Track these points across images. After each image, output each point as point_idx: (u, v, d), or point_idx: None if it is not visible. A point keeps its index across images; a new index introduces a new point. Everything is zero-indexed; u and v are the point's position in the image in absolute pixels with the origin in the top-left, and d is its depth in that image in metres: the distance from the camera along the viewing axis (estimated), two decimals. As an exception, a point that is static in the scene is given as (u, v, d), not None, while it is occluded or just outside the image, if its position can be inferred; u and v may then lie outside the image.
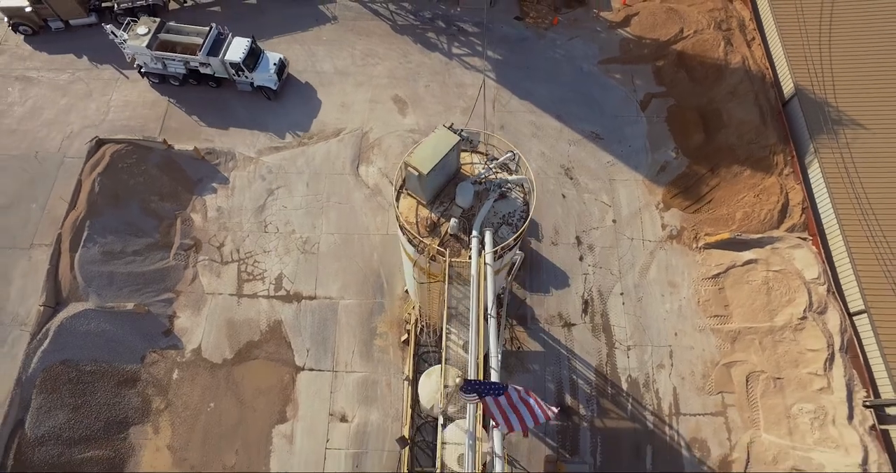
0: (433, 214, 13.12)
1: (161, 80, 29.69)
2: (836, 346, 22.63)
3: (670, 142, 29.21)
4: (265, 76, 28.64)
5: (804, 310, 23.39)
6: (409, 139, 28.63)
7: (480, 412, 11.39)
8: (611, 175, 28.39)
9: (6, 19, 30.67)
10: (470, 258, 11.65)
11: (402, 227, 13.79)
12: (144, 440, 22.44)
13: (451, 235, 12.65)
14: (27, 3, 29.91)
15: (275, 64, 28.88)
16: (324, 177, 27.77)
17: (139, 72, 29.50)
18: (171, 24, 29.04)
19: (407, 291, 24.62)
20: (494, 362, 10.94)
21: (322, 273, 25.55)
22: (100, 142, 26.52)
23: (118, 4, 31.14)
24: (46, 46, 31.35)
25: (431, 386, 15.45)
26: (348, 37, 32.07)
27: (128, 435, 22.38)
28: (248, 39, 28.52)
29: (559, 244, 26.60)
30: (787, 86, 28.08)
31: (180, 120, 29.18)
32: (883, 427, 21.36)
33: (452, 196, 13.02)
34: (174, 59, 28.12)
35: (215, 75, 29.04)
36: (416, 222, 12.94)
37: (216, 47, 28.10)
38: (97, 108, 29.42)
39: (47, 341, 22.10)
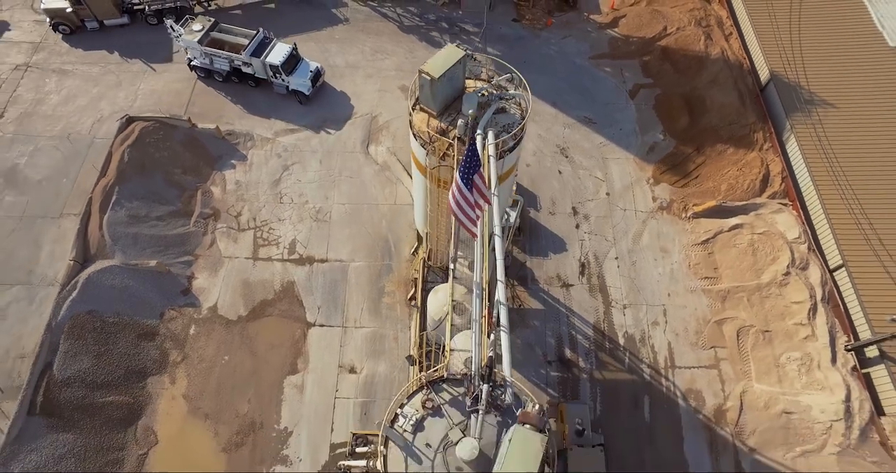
0: (442, 123, 14.87)
1: (207, 75, 31.78)
2: (818, 297, 23.95)
3: (658, 125, 31.41)
4: (300, 81, 30.41)
5: (787, 267, 24.84)
6: (415, 122, 30.78)
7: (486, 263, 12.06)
8: (603, 154, 30.41)
9: (48, 20, 33.46)
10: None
11: (415, 135, 15.52)
12: (161, 389, 23.36)
13: (458, 138, 14.37)
14: (68, 5, 32.78)
15: (311, 71, 30.62)
16: (336, 155, 29.74)
17: (189, 65, 31.72)
18: (224, 25, 31.32)
19: (414, 252, 26.09)
20: (500, 272, 11.71)
21: (333, 238, 27.11)
22: (130, 120, 28.64)
23: (148, 6, 34.10)
24: (82, 44, 34.03)
25: (438, 302, 16.70)
26: (359, 36, 34.88)
27: (146, 384, 23.32)
28: (291, 46, 30.39)
29: (556, 214, 28.28)
30: (764, 74, 30.53)
31: (203, 106, 31.38)
32: (864, 370, 22.42)
33: (459, 109, 14.79)
34: (220, 56, 30.25)
35: (255, 75, 30.82)
36: (428, 130, 14.71)
37: (260, 49, 29.98)
38: (125, 96, 31.72)
39: (75, 292, 23.39)
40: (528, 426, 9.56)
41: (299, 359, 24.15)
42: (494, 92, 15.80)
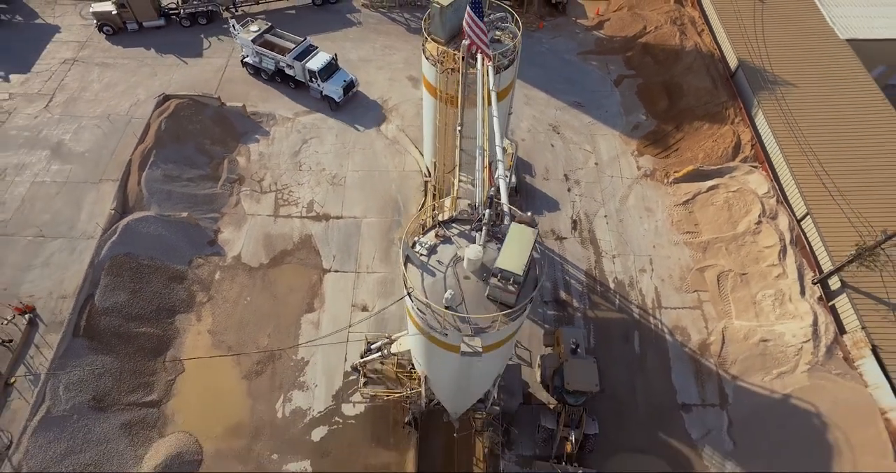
0: (449, 49, 17.82)
1: (255, 72, 34.96)
2: (787, 240, 26.39)
3: (641, 108, 34.77)
4: (333, 88, 32.74)
5: (759, 217, 27.41)
6: (421, 105, 34.07)
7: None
8: (591, 131, 33.59)
9: (95, 22, 37.54)
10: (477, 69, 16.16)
11: (427, 58, 18.49)
12: (188, 325, 25.39)
13: (462, 58, 17.26)
14: (114, 8, 36.94)
15: (345, 81, 33.02)
16: (350, 131, 32.90)
17: (241, 62, 35.08)
18: (278, 30, 34.55)
19: (421, 209, 28.67)
20: (500, 161, 14.36)
21: (347, 199, 29.80)
22: (166, 97, 31.95)
23: (183, 10, 38.28)
24: (122, 42, 37.93)
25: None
26: (370, 35, 38.89)
27: (174, 320, 25.38)
28: (331, 56, 33.20)
29: (550, 179, 31.11)
30: (732, 62, 34.18)
31: (231, 92, 34.79)
32: (830, 303, 24.60)
33: (464, 38, 17.81)
34: (268, 56, 33.42)
35: (296, 77, 33.81)
36: (436, 54, 17.79)
37: (303, 55, 32.94)
38: (160, 84, 35.19)
39: (115, 236, 25.82)
40: (522, 224, 11.97)
41: (315, 300, 26.31)
42: (492, 20, 18.91)
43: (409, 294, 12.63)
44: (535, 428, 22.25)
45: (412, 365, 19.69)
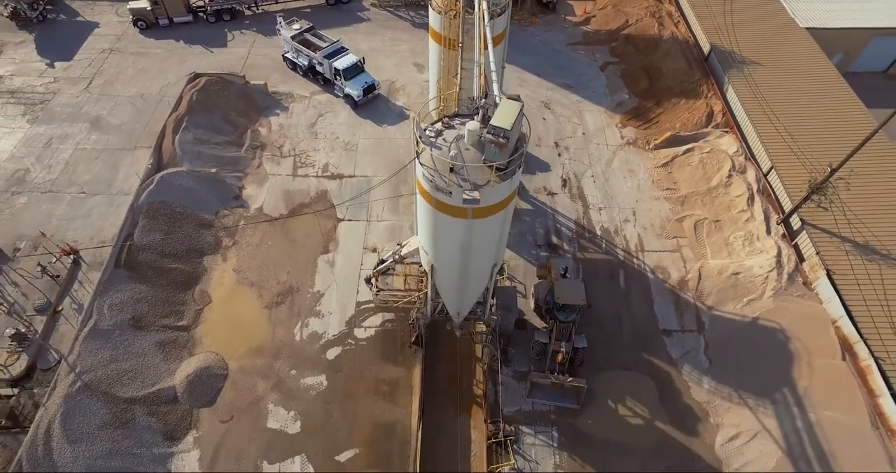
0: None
1: (293, 67, 38.03)
2: (755, 190, 29.32)
3: (624, 89, 38.33)
4: (353, 88, 35.03)
5: (730, 171, 30.43)
6: (425, 86, 37.64)
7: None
8: (579, 108, 37.02)
9: (131, 17, 41.62)
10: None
11: (433, 8, 21.85)
12: (215, 264, 28.06)
13: (463, 8, 20.62)
14: (148, 5, 41.06)
15: (366, 82, 35.29)
16: (362, 106, 36.28)
17: (283, 56, 38.29)
18: (316, 30, 37.63)
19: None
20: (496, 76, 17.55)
21: (359, 162, 32.91)
22: (196, 75, 35.52)
23: (210, 7, 42.42)
24: (154, 35, 41.89)
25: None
26: (379, 30, 42.91)
27: (202, 260, 28.07)
28: (358, 59, 35.59)
29: (542, 146, 34.31)
30: (706, 47, 37.95)
31: (253, 75, 38.30)
32: (794, 242, 27.35)
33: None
34: (303, 52, 36.55)
35: (324, 75, 36.77)
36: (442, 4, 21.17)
37: (332, 54, 35.40)
38: (188, 69, 38.69)
39: (152, 185, 28.77)
40: (511, 99, 14.94)
41: (330, 243, 29.06)
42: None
43: (417, 154, 15.52)
44: (530, 346, 24.65)
45: (419, 276, 22.26)
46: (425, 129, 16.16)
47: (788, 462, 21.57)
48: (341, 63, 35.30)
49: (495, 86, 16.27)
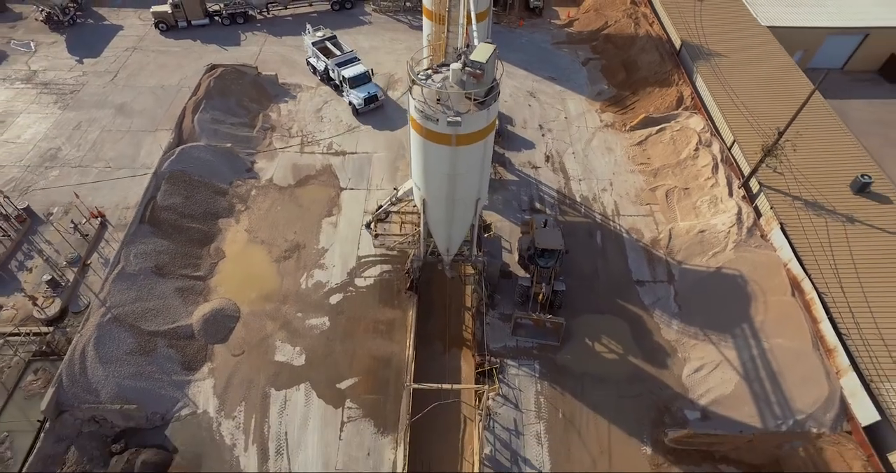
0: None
1: (313, 71, 41.10)
2: (719, 160, 32.33)
3: (603, 81, 41.84)
4: (355, 96, 36.99)
5: (697, 144, 33.51)
6: (422, 78, 41.12)
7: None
8: (562, 96, 40.43)
9: (153, 20, 45.59)
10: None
11: None
12: (229, 226, 30.85)
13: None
14: (169, 8, 45.07)
15: (369, 92, 36.99)
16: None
17: (306, 61, 41.32)
18: (337, 39, 39.78)
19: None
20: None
21: (361, 141, 36.06)
22: (213, 66, 39.07)
23: (224, 11, 46.43)
24: (173, 36, 45.76)
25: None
26: (379, 31, 46.80)
27: (217, 222, 30.88)
28: (367, 69, 37.54)
29: (527, 128, 37.53)
30: (677, 42, 41.60)
31: (264, 69, 41.97)
32: (754, 204, 30.22)
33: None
34: (319, 58, 39.48)
35: (335, 81, 39.77)
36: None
37: (343, 63, 37.68)
38: (204, 64, 42.17)
39: (174, 156, 31.83)
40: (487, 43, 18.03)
41: (334, 208, 31.92)
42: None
43: (413, 83, 18.57)
44: (515, 291, 27.19)
45: (413, 223, 24.91)
46: (418, 73, 19.27)
47: (745, 384, 23.90)
48: (349, 72, 37.39)
49: (475, 39, 19.42)
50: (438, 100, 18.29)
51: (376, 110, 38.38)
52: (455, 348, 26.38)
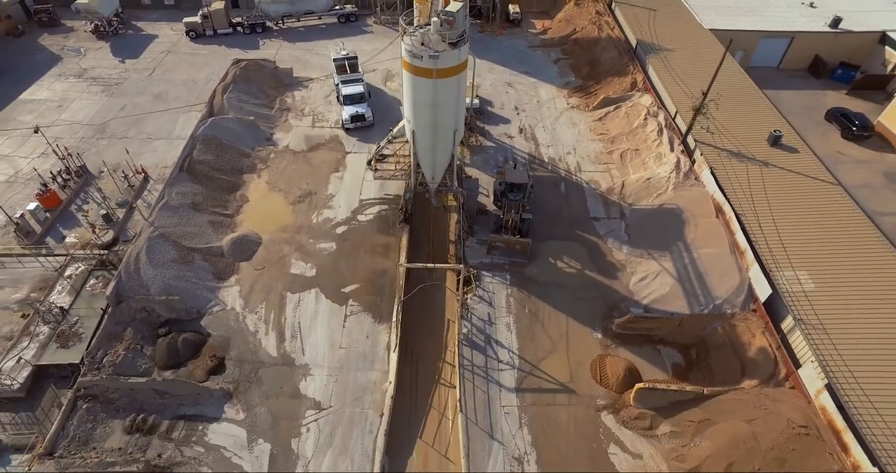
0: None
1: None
2: (664, 125, 38.55)
3: (571, 74, 48.77)
4: (344, 113, 40.49)
5: (645, 115, 39.83)
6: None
7: None
8: (535, 86, 47.20)
9: (184, 29, 53.12)
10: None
11: None
12: (252, 179, 36.69)
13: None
14: (199, 19, 52.65)
15: (357, 111, 39.91)
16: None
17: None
18: (356, 62, 43.36)
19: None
20: None
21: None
22: (238, 60, 46.03)
23: (246, 22, 54.02)
24: (201, 42, 53.16)
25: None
26: (380, 38, 54.21)
27: (242, 176, 36.75)
28: (364, 92, 40.82)
29: (505, 109, 44.03)
30: (633, 42, 48.82)
31: (279, 65, 49.01)
32: (692, 158, 36.25)
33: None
34: (335, 73, 44.76)
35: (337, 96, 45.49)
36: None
37: (346, 82, 41.73)
38: (229, 62, 49.41)
39: (206, 124, 38.08)
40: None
41: (340, 166, 37.85)
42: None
43: (404, 32, 24.82)
44: (490, 222, 32.68)
45: (405, 160, 30.61)
46: (407, 24, 25.69)
47: (678, 285, 29.08)
48: (347, 90, 41.13)
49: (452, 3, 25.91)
50: (423, 43, 24.55)
51: (376, 97, 45.01)
52: (440, 263, 31.68)
